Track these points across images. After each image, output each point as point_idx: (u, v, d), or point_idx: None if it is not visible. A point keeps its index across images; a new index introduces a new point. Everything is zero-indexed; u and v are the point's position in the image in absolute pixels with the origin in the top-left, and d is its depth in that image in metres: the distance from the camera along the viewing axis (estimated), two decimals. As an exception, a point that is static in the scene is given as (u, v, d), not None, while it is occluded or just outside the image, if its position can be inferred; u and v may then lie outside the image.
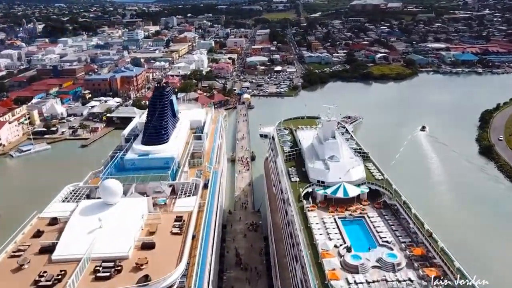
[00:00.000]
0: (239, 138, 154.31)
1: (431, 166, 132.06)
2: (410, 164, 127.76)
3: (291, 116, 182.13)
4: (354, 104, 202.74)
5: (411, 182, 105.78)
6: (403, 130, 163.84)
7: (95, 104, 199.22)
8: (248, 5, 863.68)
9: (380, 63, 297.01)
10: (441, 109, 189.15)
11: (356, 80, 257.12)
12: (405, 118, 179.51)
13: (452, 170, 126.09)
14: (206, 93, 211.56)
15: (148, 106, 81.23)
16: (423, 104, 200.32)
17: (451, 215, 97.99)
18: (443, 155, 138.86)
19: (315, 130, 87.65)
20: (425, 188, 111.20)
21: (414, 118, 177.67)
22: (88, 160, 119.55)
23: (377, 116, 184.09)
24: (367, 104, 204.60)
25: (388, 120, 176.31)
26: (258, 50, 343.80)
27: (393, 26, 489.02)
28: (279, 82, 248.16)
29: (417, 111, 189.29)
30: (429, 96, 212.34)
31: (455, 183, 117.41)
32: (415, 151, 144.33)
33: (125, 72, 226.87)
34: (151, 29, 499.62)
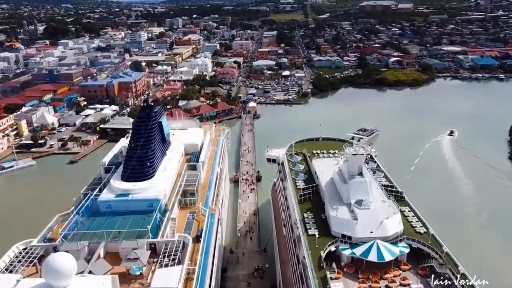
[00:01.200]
0: (243, 154, 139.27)
1: (462, 184, 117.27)
2: (437, 183, 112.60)
3: (300, 127, 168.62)
4: (368, 113, 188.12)
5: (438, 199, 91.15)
6: (425, 143, 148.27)
7: (90, 112, 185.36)
8: (254, 6, 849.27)
9: (393, 67, 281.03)
10: (464, 118, 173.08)
11: (369, 86, 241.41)
12: (425, 130, 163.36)
13: (492, 191, 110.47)
14: (209, 101, 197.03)
15: (132, 131, 66.67)
16: (444, 113, 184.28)
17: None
18: (476, 170, 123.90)
19: (334, 158, 72.58)
20: (459, 220, 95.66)
21: (435, 129, 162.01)
22: (75, 180, 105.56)
23: (394, 127, 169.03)
24: (382, 113, 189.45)
25: (407, 132, 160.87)
26: (265, 53, 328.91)
27: (405, 28, 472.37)
28: (287, 88, 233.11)
29: (438, 121, 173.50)
30: (449, 104, 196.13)
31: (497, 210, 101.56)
32: (438, 159, 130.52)
33: (123, 78, 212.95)
34: (155, 31, 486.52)
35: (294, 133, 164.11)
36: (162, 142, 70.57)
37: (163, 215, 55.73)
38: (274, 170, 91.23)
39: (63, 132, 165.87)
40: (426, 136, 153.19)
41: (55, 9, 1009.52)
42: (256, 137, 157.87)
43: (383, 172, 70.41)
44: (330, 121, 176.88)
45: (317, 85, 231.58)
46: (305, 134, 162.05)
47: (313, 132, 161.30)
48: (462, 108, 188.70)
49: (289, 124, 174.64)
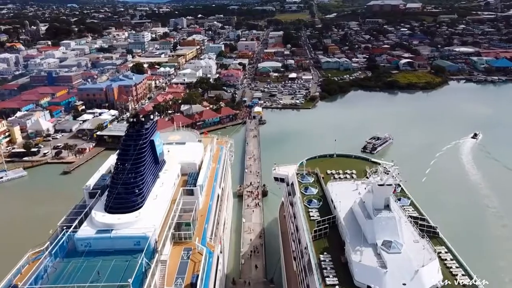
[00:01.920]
0: (248, 165, 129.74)
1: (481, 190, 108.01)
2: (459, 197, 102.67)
3: (309, 134, 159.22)
4: (379, 118, 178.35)
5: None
6: (442, 153, 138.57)
7: (88, 117, 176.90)
8: (260, 6, 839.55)
9: (404, 69, 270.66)
10: (484, 124, 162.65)
11: (379, 90, 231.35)
12: (441, 137, 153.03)
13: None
14: (212, 105, 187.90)
15: (118, 152, 57.54)
16: (461, 118, 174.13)
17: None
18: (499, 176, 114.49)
19: (352, 181, 63.01)
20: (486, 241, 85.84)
21: (453, 136, 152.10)
22: (66, 194, 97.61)
23: (408, 134, 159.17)
24: (395, 118, 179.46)
25: (422, 140, 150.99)
26: (271, 55, 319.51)
27: (414, 28, 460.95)
28: (294, 92, 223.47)
29: (455, 126, 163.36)
30: (466, 109, 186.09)
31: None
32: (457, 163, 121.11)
33: (123, 81, 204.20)
34: (158, 31, 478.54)
35: (302, 142, 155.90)
36: (155, 163, 61.38)
37: (152, 256, 46.53)
38: (282, 186, 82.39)
39: (58, 139, 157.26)
40: (443, 144, 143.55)
41: (60, 9, 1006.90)
42: (262, 145, 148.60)
43: (409, 199, 60.73)
44: (340, 127, 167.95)
45: (326, 89, 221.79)
46: (314, 142, 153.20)
47: (322, 140, 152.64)
48: (480, 113, 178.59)
49: (297, 130, 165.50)
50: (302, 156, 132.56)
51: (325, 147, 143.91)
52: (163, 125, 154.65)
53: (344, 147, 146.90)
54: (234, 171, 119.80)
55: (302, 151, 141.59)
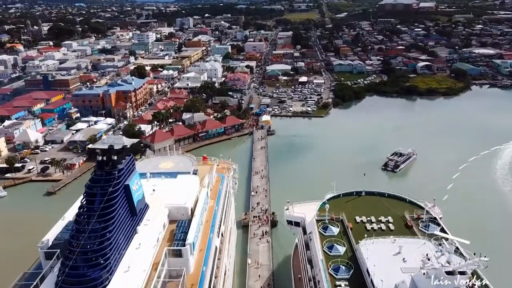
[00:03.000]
0: (255, 187, 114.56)
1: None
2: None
3: (323, 148, 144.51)
4: (398, 128, 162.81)
5: None
6: (474, 170, 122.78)
7: (82, 126, 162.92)
8: (268, 5, 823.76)
9: (422, 73, 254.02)
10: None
11: (397, 95, 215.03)
12: (471, 150, 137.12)
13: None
14: (216, 114, 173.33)
15: (80, 205, 42.97)
16: (489, 128, 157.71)
17: None
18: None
19: (392, 240, 47.63)
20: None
21: (484, 148, 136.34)
22: (46, 221, 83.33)
23: (432, 146, 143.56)
24: (416, 128, 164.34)
25: (449, 154, 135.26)
26: (279, 56, 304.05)
27: (429, 28, 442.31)
28: (304, 97, 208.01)
29: (486, 138, 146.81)
30: (494, 118, 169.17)
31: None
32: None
33: (122, 86, 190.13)
34: (164, 31, 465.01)
35: (316, 157, 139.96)
36: (131, 216, 46.52)
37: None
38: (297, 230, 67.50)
39: (47, 152, 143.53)
40: (477, 165, 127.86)
41: (68, 8, 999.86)
42: (270, 160, 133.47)
43: (456, 248, 44.76)
44: (357, 139, 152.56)
45: (339, 94, 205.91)
46: (329, 157, 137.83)
47: (338, 155, 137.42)
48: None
49: (309, 142, 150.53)
50: (316, 176, 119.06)
51: (342, 165, 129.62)
52: (161, 136, 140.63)
53: (363, 164, 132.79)
54: (239, 193, 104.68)
55: (316, 169, 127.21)
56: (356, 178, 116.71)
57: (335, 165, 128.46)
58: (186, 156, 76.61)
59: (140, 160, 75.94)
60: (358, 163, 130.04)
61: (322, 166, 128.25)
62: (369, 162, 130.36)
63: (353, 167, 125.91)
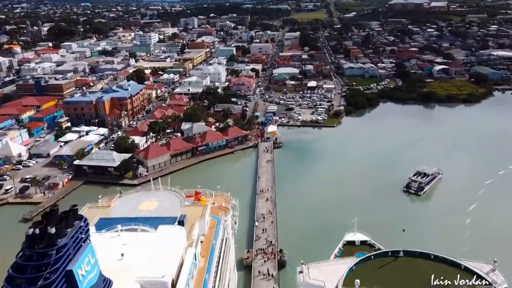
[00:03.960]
0: (259, 214, 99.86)
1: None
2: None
3: (336, 164, 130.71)
4: (418, 140, 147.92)
5: None
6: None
7: (72, 137, 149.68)
8: (275, 5, 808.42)
9: (439, 77, 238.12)
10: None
11: (413, 102, 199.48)
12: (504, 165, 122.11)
13: None
14: (218, 123, 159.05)
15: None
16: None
17: None
18: None
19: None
20: None
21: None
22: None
23: (458, 162, 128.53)
24: (437, 139, 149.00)
25: (477, 172, 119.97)
26: (287, 59, 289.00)
27: (442, 29, 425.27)
28: (314, 104, 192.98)
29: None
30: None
31: None
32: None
33: (117, 92, 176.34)
34: (167, 32, 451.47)
35: (328, 175, 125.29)
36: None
37: None
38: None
39: (31, 168, 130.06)
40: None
41: (73, 8, 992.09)
42: (277, 179, 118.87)
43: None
44: (373, 153, 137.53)
45: (351, 101, 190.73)
46: (343, 175, 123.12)
47: (353, 172, 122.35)
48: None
49: (321, 157, 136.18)
50: (330, 202, 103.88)
51: (359, 187, 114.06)
52: (156, 151, 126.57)
53: (382, 185, 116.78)
54: (241, 221, 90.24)
55: (330, 192, 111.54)
56: (377, 207, 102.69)
57: (350, 187, 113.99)
58: (173, 192, 62.08)
59: (118, 197, 61.78)
60: (376, 184, 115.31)
61: (336, 187, 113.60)
62: (388, 183, 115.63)
63: (372, 190, 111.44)
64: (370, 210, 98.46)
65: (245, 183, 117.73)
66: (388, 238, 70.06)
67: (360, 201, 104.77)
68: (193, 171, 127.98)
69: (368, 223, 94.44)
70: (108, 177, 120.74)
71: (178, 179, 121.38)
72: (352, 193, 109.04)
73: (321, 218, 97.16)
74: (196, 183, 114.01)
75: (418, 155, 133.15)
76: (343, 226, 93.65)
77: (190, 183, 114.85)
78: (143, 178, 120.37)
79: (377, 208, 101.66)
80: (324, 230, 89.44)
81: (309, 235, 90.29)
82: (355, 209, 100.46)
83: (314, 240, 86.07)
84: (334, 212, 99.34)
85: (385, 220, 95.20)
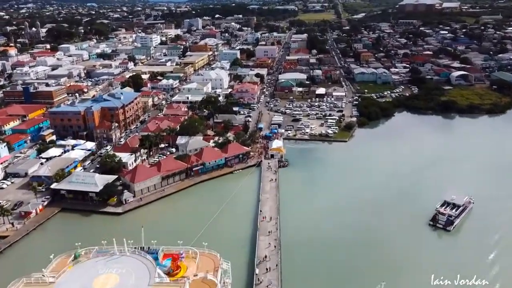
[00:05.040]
0: (260, 256, 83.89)
1: None
2: None
3: (349, 187, 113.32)
4: (441, 160, 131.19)
5: None
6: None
7: (55, 153, 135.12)
8: (282, 5, 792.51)
9: (458, 84, 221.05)
10: None
11: (432, 112, 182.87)
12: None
13: None
14: (218, 137, 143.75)
15: None
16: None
17: None
18: None
19: None
20: None
21: None
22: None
23: (491, 188, 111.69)
24: (462, 158, 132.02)
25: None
26: (293, 63, 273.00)
27: (456, 31, 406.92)
28: (323, 114, 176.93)
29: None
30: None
31: None
32: None
33: (108, 102, 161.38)
34: (170, 33, 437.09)
35: (342, 201, 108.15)
36: None
37: None
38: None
39: (4, 190, 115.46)
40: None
41: (79, 8, 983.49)
42: (282, 207, 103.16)
43: None
44: (391, 175, 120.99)
45: (364, 112, 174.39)
46: (360, 208, 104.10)
47: (372, 202, 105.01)
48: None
49: (332, 179, 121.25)
50: (346, 242, 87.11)
51: (379, 221, 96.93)
52: (144, 173, 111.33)
53: (405, 216, 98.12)
54: (235, 270, 75.43)
55: (344, 227, 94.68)
56: (399, 247, 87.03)
57: (366, 217, 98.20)
58: (143, 257, 46.58)
59: (71, 261, 46.48)
60: (396, 215, 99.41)
61: (350, 219, 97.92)
62: (412, 215, 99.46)
63: (391, 223, 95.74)
64: (390, 250, 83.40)
65: (244, 214, 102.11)
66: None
67: (379, 237, 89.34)
68: (186, 197, 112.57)
69: (387, 266, 79.33)
70: (89, 204, 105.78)
71: (166, 210, 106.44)
72: (372, 230, 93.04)
73: (333, 260, 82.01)
74: (186, 218, 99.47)
75: (443, 179, 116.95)
76: (360, 272, 78.74)
77: (178, 219, 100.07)
78: (129, 204, 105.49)
79: (399, 248, 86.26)
80: (338, 277, 74.32)
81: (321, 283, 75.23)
82: (374, 250, 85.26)
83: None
84: (349, 251, 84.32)
85: (410, 266, 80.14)
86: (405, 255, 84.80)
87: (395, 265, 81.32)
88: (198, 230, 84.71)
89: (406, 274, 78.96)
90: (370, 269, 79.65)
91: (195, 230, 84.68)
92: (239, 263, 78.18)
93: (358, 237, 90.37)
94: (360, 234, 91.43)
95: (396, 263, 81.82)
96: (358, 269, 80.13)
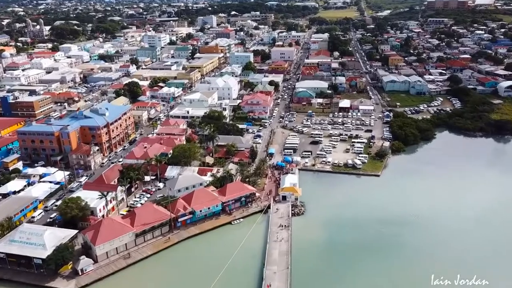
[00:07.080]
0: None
1: None
2: None
3: (387, 251, 78.09)
4: (508, 204, 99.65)
5: None
6: None
7: (16, 187, 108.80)
8: (301, 2, 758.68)
9: (507, 96, 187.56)
10: None
11: (481, 134, 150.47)
12: None
13: None
14: (217, 169, 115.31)
15: None
16: None
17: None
18: None
19: None
20: None
21: None
22: None
23: None
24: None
25: None
26: (313, 68, 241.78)
27: (494, 31, 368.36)
28: (349, 135, 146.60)
29: None
30: None
31: None
32: None
33: (89, 119, 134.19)
34: (181, 32, 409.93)
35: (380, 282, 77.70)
36: None
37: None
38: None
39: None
40: None
41: (96, 5, 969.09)
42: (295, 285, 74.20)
43: None
44: (442, 229, 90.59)
45: (399, 133, 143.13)
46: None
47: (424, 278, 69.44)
48: None
49: (362, 234, 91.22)
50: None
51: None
52: (111, 230, 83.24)
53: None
54: None
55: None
56: None
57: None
58: None
59: None
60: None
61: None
62: None
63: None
64: None
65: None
66: None
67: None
68: (168, 261, 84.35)
69: None
70: (33, 274, 78.40)
71: (140, 282, 77.99)
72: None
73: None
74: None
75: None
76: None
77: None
78: (87, 276, 77.66)
79: None
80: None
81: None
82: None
83: None
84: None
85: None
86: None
87: None
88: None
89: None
90: None
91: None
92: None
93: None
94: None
95: None
96: None
